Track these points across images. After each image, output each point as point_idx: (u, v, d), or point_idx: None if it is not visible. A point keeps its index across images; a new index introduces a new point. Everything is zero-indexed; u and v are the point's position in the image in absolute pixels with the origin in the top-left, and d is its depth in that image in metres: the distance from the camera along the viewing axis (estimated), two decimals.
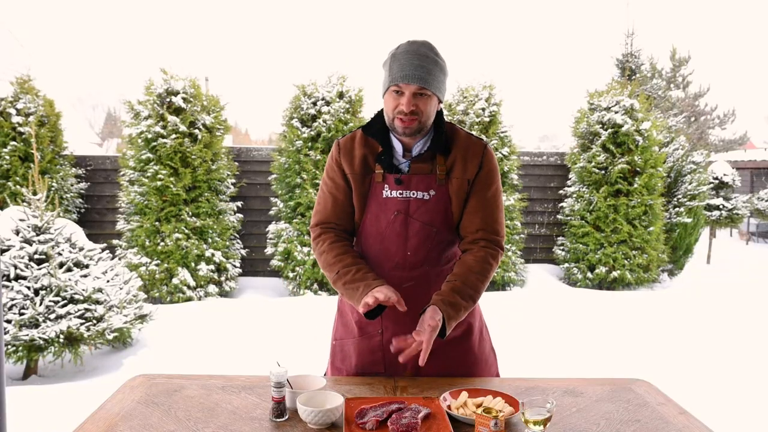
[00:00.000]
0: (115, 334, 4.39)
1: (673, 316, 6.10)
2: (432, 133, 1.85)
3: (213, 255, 6.81)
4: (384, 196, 1.83)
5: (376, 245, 1.87)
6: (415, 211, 1.82)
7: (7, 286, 4.09)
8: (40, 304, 4.09)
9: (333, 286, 1.85)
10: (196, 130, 6.84)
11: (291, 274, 6.91)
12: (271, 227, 7.15)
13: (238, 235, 7.49)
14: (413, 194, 1.82)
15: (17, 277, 4.17)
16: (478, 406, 1.61)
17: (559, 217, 8.10)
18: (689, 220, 8.16)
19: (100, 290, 4.39)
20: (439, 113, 1.86)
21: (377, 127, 1.86)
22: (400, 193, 1.82)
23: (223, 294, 7.00)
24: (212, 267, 6.84)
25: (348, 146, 1.88)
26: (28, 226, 4.38)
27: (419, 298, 1.81)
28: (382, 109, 1.87)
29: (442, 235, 1.86)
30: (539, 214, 8.28)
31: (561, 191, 8.12)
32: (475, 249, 1.83)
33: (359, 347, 1.92)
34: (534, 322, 5.80)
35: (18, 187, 6.69)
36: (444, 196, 1.83)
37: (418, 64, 1.71)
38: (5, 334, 3.92)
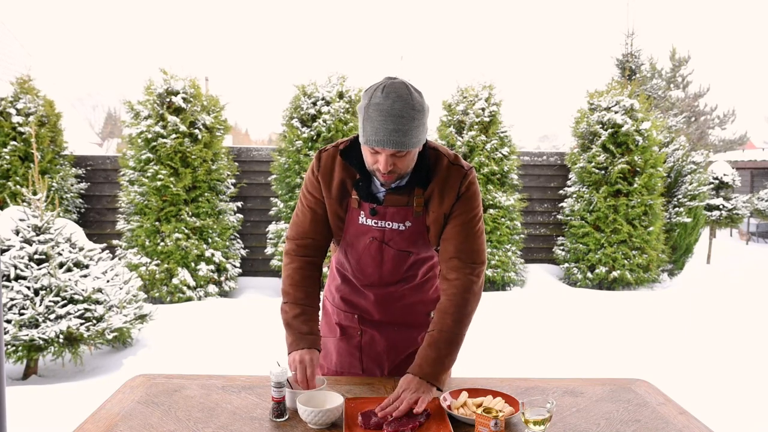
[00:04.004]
0: (115, 334, 4.39)
1: (673, 316, 6.10)
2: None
3: (213, 255, 6.81)
4: (360, 222, 1.80)
5: (353, 262, 1.88)
6: (390, 240, 1.80)
7: (7, 286, 4.09)
8: (40, 304, 4.08)
9: None
10: (196, 130, 6.84)
11: None
12: (271, 227, 7.15)
13: (238, 235, 7.49)
14: (388, 225, 1.78)
15: (17, 277, 4.17)
16: (478, 406, 1.61)
17: (559, 217, 8.10)
18: (689, 220, 8.16)
19: (100, 290, 4.39)
20: (423, 145, 1.76)
21: (356, 152, 1.77)
22: (375, 223, 1.79)
23: (223, 294, 7.00)
24: (212, 267, 6.84)
25: (328, 166, 1.81)
26: (28, 226, 4.38)
27: (395, 305, 1.91)
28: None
29: (419, 256, 1.86)
30: (539, 214, 8.28)
31: (561, 191, 8.12)
32: (446, 287, 1.76)
33: (339, 347, 1.98)
34: (534, 322, 5.80)
35: (18, 187, 6.69)
36: (420, 227, 1.79)
37: (393, 129, 1.57)
38: (5, 334, 3.92)
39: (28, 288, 4.13)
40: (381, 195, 1.78)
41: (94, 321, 4.25)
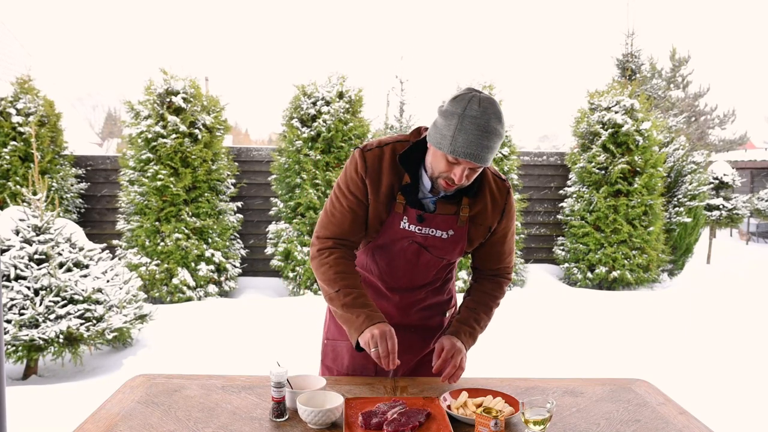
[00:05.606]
0: (115, 334, 4.39)
1: (673, 316, 6.10)
2: None
3: (213, 255, 6.81)
4: (401, 226, 1.78)
5: (383, 264, 1.87)
6: (429, 245, 1.80)
7: (7, 286, 4.09)
8: (40, 304, 4.08)
9: (328, 302, 1.79)
10: (196, 130, 6.84)
11: (291, 274, 6.91)
12: (271, 227, 7.15)
13: (238, 235, 7.49)
14: (432, 232, 1.77)
15: (17, 277, 4.17)
16: (478, 406, 1.61)
17: (559, 217, 8.10)
18: (689, 220, 8.16)
19: (99, 290, 4.39)
20: None
21: (413, 158, 1.75)
22: (419, 229, 1.77)
23: (223, 294, 7.00)
24: (212, 267, 6.84)
25: (375, 167, 1.76)
26: (28, 226, 4.38)
27: (416, 307, 1.92)
28: (422, 139, 1.76)
29: (449, 261, 1.89)
30: (539, 214, 8.28)
31: (561, 191, 8.12)
32: (477, 286, 1.95)
33: (352, 350, 1.93)
34: (534, 322, 5.80)
35: (18, 187, 6.69)
36: (462, 236, 1.80)
37: (486, 145, 1.57)
38: (5, 334, 3.92)
39: (28, 288, 4.13)
40: (428, 201, 1.77)
41: (94, 321, 4.25)
